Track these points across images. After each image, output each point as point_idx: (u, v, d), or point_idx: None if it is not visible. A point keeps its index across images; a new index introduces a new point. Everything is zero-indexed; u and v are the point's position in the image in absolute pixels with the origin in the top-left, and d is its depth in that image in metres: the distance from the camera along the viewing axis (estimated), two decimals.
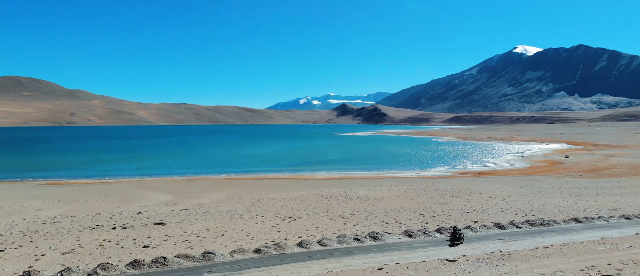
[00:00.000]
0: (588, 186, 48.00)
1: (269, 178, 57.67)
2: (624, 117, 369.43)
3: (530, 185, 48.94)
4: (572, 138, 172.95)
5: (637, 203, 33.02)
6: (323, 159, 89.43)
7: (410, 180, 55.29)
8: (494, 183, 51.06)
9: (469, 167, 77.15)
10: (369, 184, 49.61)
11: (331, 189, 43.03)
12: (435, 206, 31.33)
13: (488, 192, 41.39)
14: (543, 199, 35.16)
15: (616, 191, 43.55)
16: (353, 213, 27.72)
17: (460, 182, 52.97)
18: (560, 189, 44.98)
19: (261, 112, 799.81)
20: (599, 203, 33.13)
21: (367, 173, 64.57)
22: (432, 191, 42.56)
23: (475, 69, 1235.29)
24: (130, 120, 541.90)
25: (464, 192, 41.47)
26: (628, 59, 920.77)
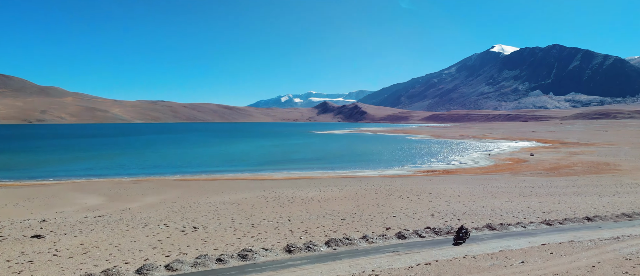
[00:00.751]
0: (542, 185, 47.50)
1: (224, 179, 55.47)
2: (595, 116, 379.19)
3: (485, 184, 48.16)
4: (543, 135, 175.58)
5: (579, 204, 32.28)
6: (291, 158, 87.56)
7: (369, 180, 53.95)
8: (450, 183, 50.15)
9: (434, 166, 76.50)
10: (325, 184, 48.00)
11: (281, 191, 41.20)
12: (371, 208, 29.89)
13: (438, 192, 40.25)
14: (487, 201, 34.12)
15: (568, 191, 43.09)
16: (272, 220, 25.95)
17: (418, 181, 51.90)
18: (513, 188, 44.25)
19: (241, 110, 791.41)
20: (541, 204, 32.24)
21: (330, 173, 62.99)
22: (382, 191, 41.19)
23: (454, 67, 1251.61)
24: (104, 118, 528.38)
25: (414, 192, 40.25)
26: (601, 58, 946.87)
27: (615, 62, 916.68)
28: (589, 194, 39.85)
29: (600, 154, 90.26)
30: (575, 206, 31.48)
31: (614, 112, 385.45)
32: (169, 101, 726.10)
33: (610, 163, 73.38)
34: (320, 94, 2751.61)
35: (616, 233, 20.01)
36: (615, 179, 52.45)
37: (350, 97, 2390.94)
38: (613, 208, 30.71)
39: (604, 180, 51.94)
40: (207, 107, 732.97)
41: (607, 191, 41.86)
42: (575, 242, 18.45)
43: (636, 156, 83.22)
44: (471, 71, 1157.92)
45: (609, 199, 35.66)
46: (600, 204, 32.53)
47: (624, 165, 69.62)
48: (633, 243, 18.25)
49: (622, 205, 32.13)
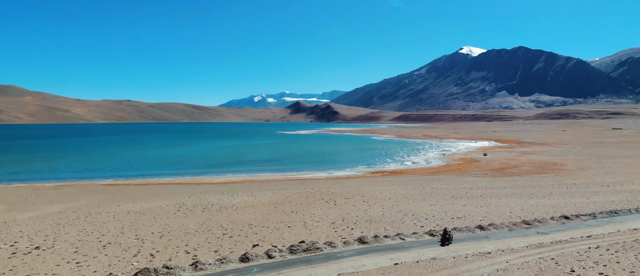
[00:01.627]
0: (481, 186, 46.75)
1: (157, 183, 52.21)
2: (556, 116, 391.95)
3: (424, 186, 47.07)
4: (503, 135, 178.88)
5: (500, 208, 31.18)
6: (245, 159, 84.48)
7: (313, 182, 51.92)
8: (391, 184, 48.80)
9: (387, 166, 75.36)
10: (263, 188, 45.65)
11: (206, 197, 38.51)
12: (282, 215, 27.85)
13: (371, 195, 38.61)
14: (411, 205, 32.66)
15: (505, 192, 42.41)
16: (155, 234, 23.54)
17: (361, 183, 50.30)
18: (449, 190, 43.22)
19: (211, 110, 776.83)
20: (466, 208, 31.00)
21: (277, 175, 60.46)
22: (314, 195, 39.20)
23: (424, 69, 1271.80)
24: (65, 118, 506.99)
25: (345, 196, 38.48)
26: (563, 60, 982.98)
27: (577, 64, 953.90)
28: (522, 195, 39.11)
29: (551, 154, 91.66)
30: (495, 209, 30.34)
31: (573, 113, 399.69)
32: (135, 101, 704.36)
33: (557, 162, 74.22)
34: (294, 94, 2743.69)
35: (501, 244, 18.12)
36: (556, 180, 52.44)
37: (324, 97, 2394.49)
38: (530, 212, 29.67)
39: (544, 180, 51.81)
40: (175, 107, 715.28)
41: (541, 193, 41.33)
42: (437, 259, 16.41)
43: (584, 156, 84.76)
44: (440, 72, 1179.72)
45: (536, 201, 34.88)
46: (521, 207, 31.52)
47: (570, 165, 70.46)
48: (497, 261, 16.28)
49: (543, 209, 31.23)
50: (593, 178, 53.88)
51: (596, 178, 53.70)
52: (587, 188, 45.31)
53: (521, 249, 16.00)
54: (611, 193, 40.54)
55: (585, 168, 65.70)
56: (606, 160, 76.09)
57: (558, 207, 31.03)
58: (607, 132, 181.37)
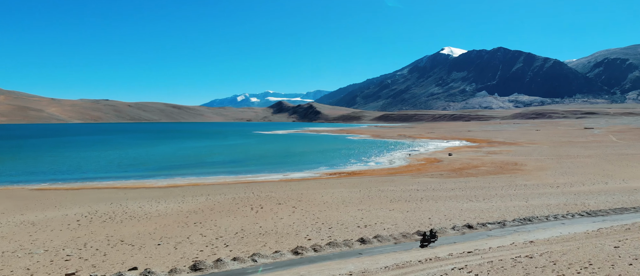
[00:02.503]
0: (430, 188, 45.16)
1: (93, 188, 49.11)
2: (532, 115, 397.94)
3: (372, 188, 45.28)
4: (476, 135, 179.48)
5: (430, 213, 29.37)
6: (203, 161, 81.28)
7: (260, 185, 49.47)
8: (341, 187, 46.79)
9: (348, 167, 73.43)
10: (201, 193, 42.98)
11: (128, 204, 35.59)
12: (181, 228, 25.38)
13: (311, 199, 36.44)
14: (341, 210, 30.69)
15: (449, 194, 40.83)
16: None
17: (310, 186, 48.06)
18: (394, 193, 41.46)
19: (191, 110, 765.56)
20: (391, 213, 29.13)
21: (228, 178, 57.73)
22: (250, 200, 36.81)
23: (407, 69, 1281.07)
24: (38, 118, 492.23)
25: (279, 200, 36.27)
26: (541, 61, 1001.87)
27: (554, 64, 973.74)
28: (462, 198, 37.54)
29: (516, 153, 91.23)
30: (417, 215, 28.49)
31: (549, 112, 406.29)
32: (113, 100, 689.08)
33: (518, 162, 73.49)
34: (278, 94, 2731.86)
35: (382, 261, 15.77)
36: (509, 181, 51.26)
37: (308, 97, 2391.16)
38: (449, 219, 27.86)
39: (496, 181, 50.56)
40: (154, 107, 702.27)
41: (485, 195, 39.87)
42: None
43: (547, 156, 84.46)
44: (422, 72, 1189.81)
45: (471, 205, 33.26)
46: (445, 213, 29.70)
47: (529, 165, 69.74)
48: None
49: (468, 214, 29.50)
50: (546, 178, 52.89)
51: (549, 178, 52.73)
52: (535, 189, 44.13)
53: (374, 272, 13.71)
54: (555, 195, 39.29)
55: (543, 168, 64.97)
56: (567, 160, 75.75)
57: (487, 212, 29.40)
58: (577, 132, 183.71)
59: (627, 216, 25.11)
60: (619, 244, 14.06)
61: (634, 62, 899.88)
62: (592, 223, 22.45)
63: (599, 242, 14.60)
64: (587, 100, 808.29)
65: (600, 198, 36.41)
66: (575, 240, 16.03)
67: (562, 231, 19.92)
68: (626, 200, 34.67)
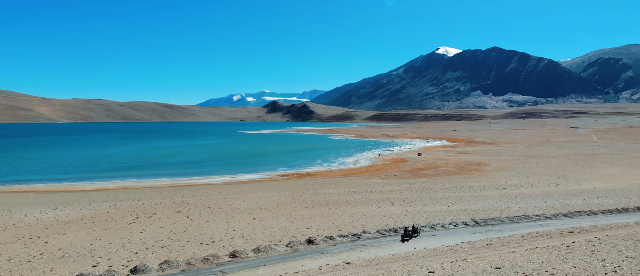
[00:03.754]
0: (367, 191, 42.90)
1: (15, 191, 46.45)
2: (523, 115, 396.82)
3: (309, 191, 43.11)
4: (460, 134, 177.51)
5: (340, 220, 26.93)
6: (160, 162, 78.31)
7: (192, 188, 46.93)
8: (275, 190, 44.44)
9: (309, 168, 70.94)
10: (119, 197, 40.43)
11: (16, 210, 33.08)
12: (25, 246, 22.77)
13: (226, 206, 34.08)
14: (231, 220, 28.16)
15: (379, 197, 38.63)
16: None
17: (245, 189, 45.58)
18: (329, 196, 39.30)
19: (183, 109, 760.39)
20: (290, 222, 26.61)
21: (170, 180, 54.79)
22: (159, 206, 34.41)
23: (402, 69, 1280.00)
24: (27, 117, 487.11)
25: (188, 207, 33.76)
26: (535, 61, 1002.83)
27: (549, 64, 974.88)
28: (394, 201, 35.42)
29: (487, 153, 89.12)
30: (319, 223, 26.08)
31: (540, 112, 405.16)
32: (105, 100, 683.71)
33: (483, 162, 71.35)
34: (274, 93, 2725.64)
35: None
36: (459, 182, 49.04)
37: (304, 97, 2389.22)
38: (341, 227, 25.50)
39: (445, 183, 48.36)
40: (146, 106, 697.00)
41: (418, 197, 37.65)
42: None
43: (516, 155, 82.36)
44: (417, 72, 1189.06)
45: (386, 210, 30.96)
46: (351, 221, 27.34)
47: (493, 165, 67.58)
48: None
49: (372, 220, 27.15)
50: (499, 180, 50.68)
51: (502, 180, 50.52)
52: (478, 191, 41.98)
53: None
54: (489, 198, 37.10)
55: (505, 168, 62.78)
56: (534, 160, 73.64)
57: (385, 218, 27.13)
58: (561, 132, 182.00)
59: (529, 224, 22.75)
60: (445, 267, 11.64)
61: (627, 62, 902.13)
62: (470, 235, 20.10)
63: (426, 263, 12.20)
64: (581, 100, 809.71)
65: (534, 202, 34.19)
66: (406, 259, 13.67)
67: (416, 246, 17.63)
68: (558, 204, 32.41)
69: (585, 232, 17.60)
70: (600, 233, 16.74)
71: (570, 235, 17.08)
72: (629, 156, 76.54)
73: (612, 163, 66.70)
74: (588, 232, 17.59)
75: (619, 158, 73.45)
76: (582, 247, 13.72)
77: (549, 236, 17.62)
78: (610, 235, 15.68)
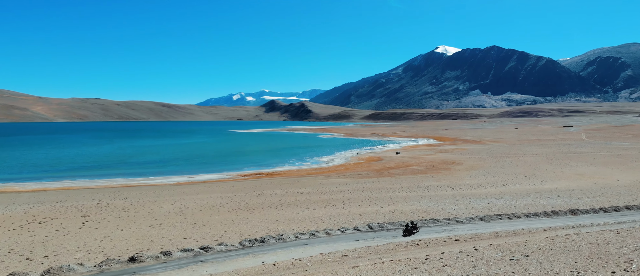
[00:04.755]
0: (317, 191, 40.99)
1: None
2: (519, 114, 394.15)
3: (254, 192, 41.22)
4: (450, 133, 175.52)
5: (243, 227, 24.85)
6: (126, 162, 75.48)
7: (140, 189, 44.69)
8: (229, 192, 42.50)
9: (275, 167, 68.68)
10: (46, 199, 38.48)
11: None
12: None
13: (143, 210, 31.83)
14: (109, 228, 26.05)
15: (327, 197, 36.72)
16: None
17: (186, 191, 43.44)
18: (273, 197, 37.41)
19: (181, 108, 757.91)
20: (182, 232, 24.52)
21: (121, 180, 52.25)
22: (69, 210, 32.18)
23: (401, 68, 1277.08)
24: (23, 116, 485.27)
25: (102, 210, 31.65)
26: (534, 59, 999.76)
27: (547, 63, 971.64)
28: (322, 204, 33.40)
29: (468, 151, 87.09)
30: (210, 231, 23.99)
31: (536, 111, 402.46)
32: (102, 99, 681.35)
33: (456, 161, 69.31)
34: (273, 93, 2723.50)
35: None
36: (422, 181, 47.10)
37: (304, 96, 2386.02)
38: (233, 235, 23.40)
39: (406, 182, 46.42)
40: (143, 105, 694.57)
41: (359, 198, 35.67)
42: None
43: (495, 154, 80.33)
44: (416, 71, 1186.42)
45: (309, 212, 28.87)
46: (256, 227, 25.25)
47: (466, 164, 65.55)
48: None
49: (267, 225, 25.07)
50: (463, 179, 48.66)
51: (466, 179, 48.51)
52: (433, 191, 40.12)
53: None
54: (434, 198, 35.15)
55: (476, 167, 60.74)
56: (511, 158, 71.57)
57: (305, 220, 24.94)
58: (553, 130, 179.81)
59: (435, 229, 20.57)
60: None
61: (626, 61, 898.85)
62: (344, 243, 18.02)
63: None
64: (580, 98, 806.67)
65: (477, 203, 32.14)
66: None
67: (265, 259, 15.53)
68: (500, 205, 30.33)
69: (474, 240, 15.53)
70: (488, 241, 14.66)
71: (453, 243, 15.02)
72: (609, 155, 74.38)
73: (588, 161, 64.54)
74: (477, 239, 15.52)
75: (597, 157, 71.28)
76: (442, 259, 11.69)
77: (426, 244, 15.55)
78: (494, 243, 13.64)
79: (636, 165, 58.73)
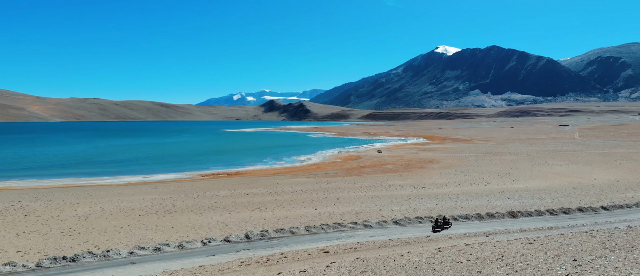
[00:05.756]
0: (271, 192, 38.23)
1: None
2: (517, 113, 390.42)
3: (194, 194, 38.31)
4: (442, 132, 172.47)
5: (141, 233, 21.95)
6: (96, 160, 72.89)
7: (86, 189, 42.08)
8: (155, 193, 39.53)
9: (248, 166, 65.95)
10: None
11: None
12: None
13: (46, 214, 28.91)
14: None
15: (275, 198, 34.05)
16: None
17: (129, 191, 40.48)
18: (196, 201, 34.44)
19: (178, 108, 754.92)
20: (73, 241, 21.62)
21: (77, 180, 49.42)
22: None
23: (401, 68, 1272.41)
24: (18, 116, 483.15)
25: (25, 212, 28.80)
26: (534, 59, 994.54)
27: (548, 63, 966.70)
28: (277, 204, 30.49)
29: (451, 150, 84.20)
30: (96, 237, 21.07)
31: (534, 110, 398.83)
32: (100, 99, 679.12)
33: (435, 159, 66.43)
34: (274, 93, 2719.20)
35: None
36: (387, 180, 44.35)
37: (304, 96, 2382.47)
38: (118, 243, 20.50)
39: (373, 181, 43.96)
40: (141, 105, 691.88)
41: (318, 198, 33.01)
42: None
43: (475, 153, 77.42)
44: (416, 71, 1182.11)
45: (259, 214, 25.95)
46: (147, 235, 22.37)
47: (444, 162, 62.69)
48: None
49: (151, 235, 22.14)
50: (433, 177, 45.93)
51: (434, 178, 45.74)
52: (391, 190, 37.74)
53: None
54: (384, 198, 32.55)
55: (452, 165, 57.85)
56: (492, 157, 68.61)
57: (219, 226, 22.09)
58: (548, 129, 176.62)
59: (332, 235, 17.70)
60: None
61: (627, 61, 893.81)
62: (192, 259, 15.15)
63: None
64: (580, 98, 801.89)
65: (427, 204, 29.22)
66: None
67: None
68: (449, 205, 27.39)
69: (349, 252, 12.68)
70: (357, 254, 11.81)
71: (314, 259, 12.14)
72: (595, 153, 71.35)
73: (571, 160, 61.51)
74: (352, 251, 12.68)
75: (582, 155, 68.25)
76: None
77: (283, 257, 12.66)
78: (360, 257, 10.78)
79: (619, 164, 55.68)
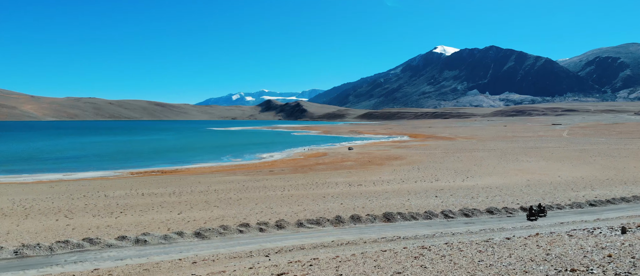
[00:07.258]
0: (181, 192, 34.01)
1: None
2: (512, 113, 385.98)
3: (99, 192, 34.13)
4: (430, 131, 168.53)
5: None
6: (41, 157, 69.55)
7: None
8: (57, 192, 35.39)
9: (196, 164, 61.64)
10: None
11: None
12: None
13: None
14: None
15: (181, 199, 30.00)
16: None
17: (29, 190, 36.40)
18: (80, 201, 30.19)
19: (174, 107, 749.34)
20: None
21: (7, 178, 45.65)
22: None
23: (400, 68, 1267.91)
24: (10, 115, 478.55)
25: None
26: (533, 59, 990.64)
27: (546, 63, 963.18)
28: (178, 205, 26.53)
29: (425, 148, 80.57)
30: None
31: (529, 110, 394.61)
32: (94, 98, 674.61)
33: (400, 156, 62.58)
34: (273, 93, 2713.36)
35: None
36: (329, 178, 40.69)
37: (303, 96, 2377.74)
38: None
39: (318, 178, 40.80)
40: (136, 104, 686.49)
41: (237, 197, 28.98)
42: None
43: (447, 150, 73.87)
44: (415, 71, 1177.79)
45: (132, 218, 21.76)
46: None
47: (408, 159, 58.96)
48: None
49: None
50: (383, 174, 42.40)
51: (384, 175, 42.29)
52: (324, 188, 33.86)
53: None
54: (309, 197, 28.17)
55: (414, 162, 54.05)
56: (460, 153, 64.89)
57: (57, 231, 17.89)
58: (538, 128, 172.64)
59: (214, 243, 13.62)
60: None
61: (625, 61, 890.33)
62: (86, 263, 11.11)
63: None
64: (578, 98, 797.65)
65: (354, 203, 25.11)
66: None
67: None
68: (375, 206, 23.22)
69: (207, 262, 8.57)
70: None
71: None
72: (573, 150, 67.51)
73: (544, 156, 57.53)
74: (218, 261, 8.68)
75: (558, 152, 64.45)
76: None
77: None
78: None
79: (594, 160, 51.62)
